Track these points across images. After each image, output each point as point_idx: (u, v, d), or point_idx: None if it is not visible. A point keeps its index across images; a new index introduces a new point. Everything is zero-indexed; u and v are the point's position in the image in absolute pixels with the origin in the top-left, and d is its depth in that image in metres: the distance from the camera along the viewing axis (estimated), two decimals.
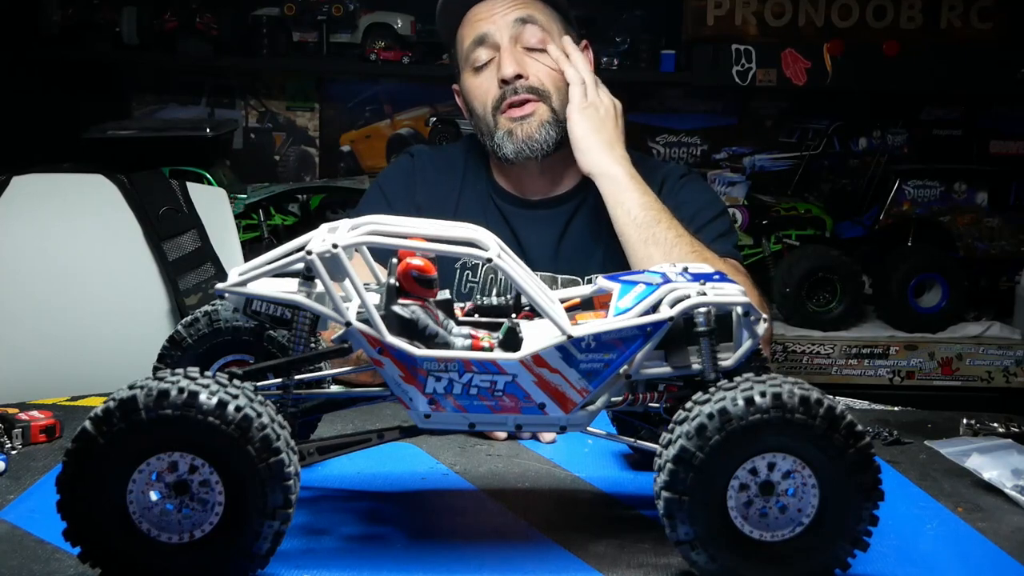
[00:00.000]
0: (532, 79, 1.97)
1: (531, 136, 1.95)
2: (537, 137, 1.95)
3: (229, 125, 3.73)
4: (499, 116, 1.97)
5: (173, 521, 1.00)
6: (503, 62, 1.96)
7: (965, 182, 3.59)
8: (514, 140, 1.96)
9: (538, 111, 1.96)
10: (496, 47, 1.98)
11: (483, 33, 1.98)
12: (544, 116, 1.96)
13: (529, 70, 1.97)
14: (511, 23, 1.97)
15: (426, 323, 1.11)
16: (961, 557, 1.16)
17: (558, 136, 1.97)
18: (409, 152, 2.21)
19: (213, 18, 3.75)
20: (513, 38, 1.98)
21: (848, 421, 1.01)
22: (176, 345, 1.26)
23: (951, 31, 3.68)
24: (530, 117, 1.96)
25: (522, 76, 1.96)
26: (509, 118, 1.97)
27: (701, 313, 1.11)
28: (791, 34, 3.69)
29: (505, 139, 1.97)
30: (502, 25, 1.97)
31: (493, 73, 1.98)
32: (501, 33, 1.97)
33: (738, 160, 4.02)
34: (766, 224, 3.58)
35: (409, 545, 1.15)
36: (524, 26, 1.98)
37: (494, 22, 1.98)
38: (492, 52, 1.98)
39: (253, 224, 3.41)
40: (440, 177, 2.13)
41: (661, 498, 1.02)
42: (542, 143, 1.96)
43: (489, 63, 1.99)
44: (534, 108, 1.96)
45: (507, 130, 1.97)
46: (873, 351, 3.49)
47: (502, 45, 1.97)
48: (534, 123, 1.96)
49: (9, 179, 2.13)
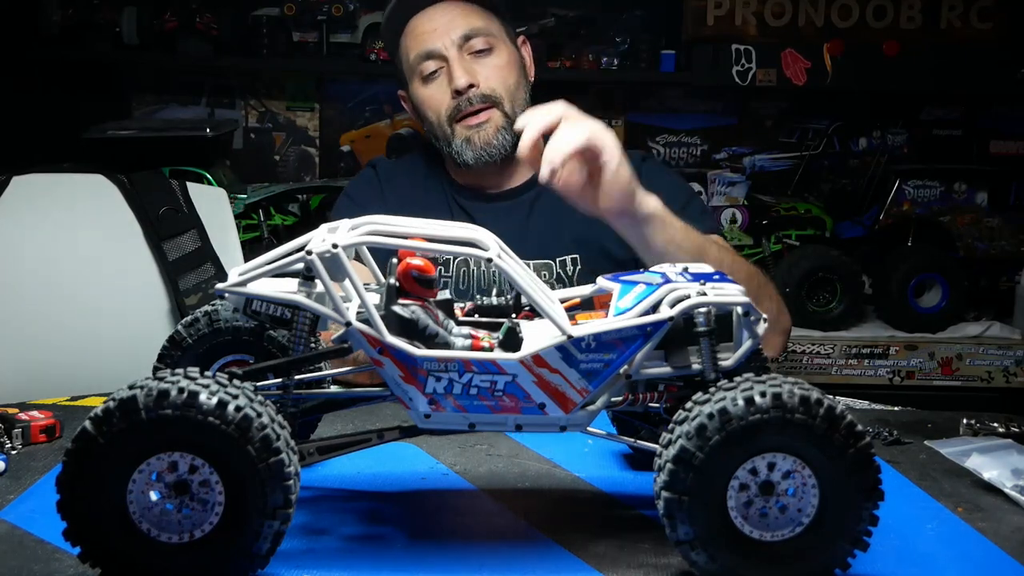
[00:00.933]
0: (483, 86, 2.01)
1: (489, 143, 2.01)
2: (495, 143, 2.01)
3: (229, 125, 3.73)
4: (455, 125, 2.03)
5: (173, 521, 1.00)
6: (454, 73, 2.00)
7: (965, 182, 3.59)
8: (473, 147, 2.02)
9: (492, 118, 2.01)
10: (443, 58, 2.01)
11: (428, 48, 2.02)
12: (499, 122, 2.02)
13: (479, 77, 2.01)
14: (456, 39, 2.01)
15: (426, 323, 1.11)
16: (961, 557, 1.16)
17: (514, 139, 1.99)
18: (371, 164, 2.27)
19: (213, 18, 3.75)
20: (459, 46, 2.01)
21: (848, 421, 1.01)
22: (176, 345, 1.26)
23: (951, 31, 3.68)
24: (486, 124, 2.01)
25: (474, 85, 2.00)
26: (465, 126, 2.02)
27: (701, 313, 1.11)
28: (791, 34, 3.70)
29: (464, 146, 2.02)
30: (447, 40, 2.01)
31: (443, 83, 2.03)
32: (447, 46, 2.01)
33: (738, 160, 4.02)
34: (766, 224, 3.58)
35: (409, 545, 1.15)
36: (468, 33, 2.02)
37: (438, 37, 2.02)
38: (440, 63, 2.02)
39: (253, 224, 3.42)
40: (403, 181, 2.19)
41: (661, 498, 1.02)
42: (499, 148, 2.02)
43: (438, 72, 2.03)
44: (488, 116, 2.01)
45: (464, 138, 2.02)
46: (873, 351, 3.49)
47: (450, 56, 2.01)
48: (490, 129, 2.01)
49: (9, 179, 2.13)
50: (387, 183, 2.18)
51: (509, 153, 2.01)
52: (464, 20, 2.02)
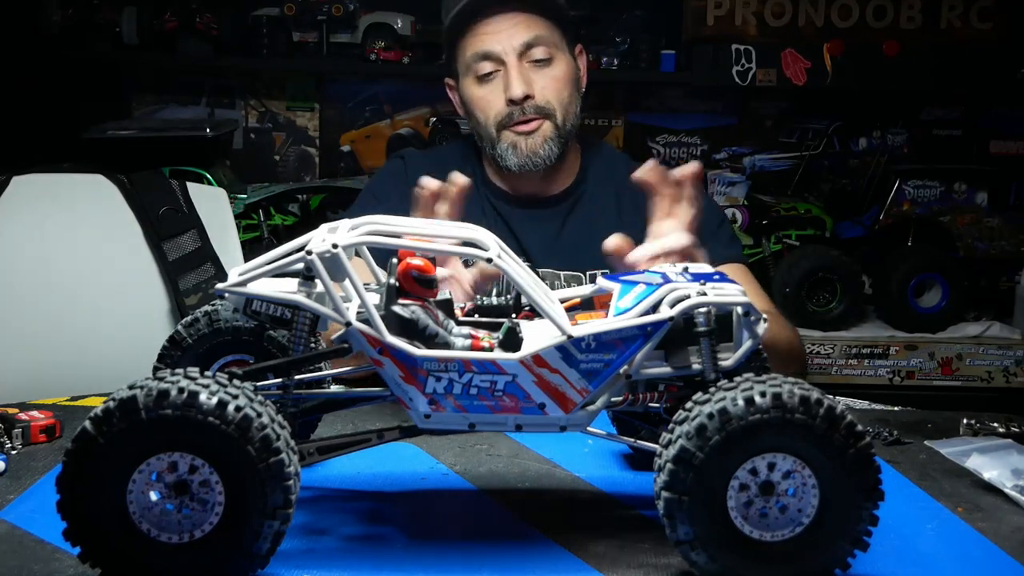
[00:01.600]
0: (539, 98, 1.99)
1: (535, 151, 2.00)
2: (541, 153, 2.00)
3: (229, 125, 3.73)
4: (503, 131, 2.01)
5: (173, 521, 1.00)
6: (512, 82, 1.98)
7: (965, 182, 3.59)
8: (518, 154, 2.01)
9: (543, 128, 2.00)
10: (501, 62, 1.99)
11: (487, 49, 2.00)
12: (548, 132, 2.01)
13: (535, 87, 1.99)
14: (517, 46, 1.99)
15: (426, 323, 1.11)
16: (961, 557, 1.16)
17: (560, 150, 2.02)
18: (400, 155, 2.23)
19: (213, 18, 3.75)
20: (519, 54, 1.99)
21: (848, 421, 1.01)
22: (176, 345, 1.26)
23: (951, 31, 3.68)
24: (535, 134, 2.00)
25: (530, 96, 1.98)
26: (514, 132, 2.00)
27: (701, 313, 1.11)
28: (791, 34, 3.70)
29: (509, 151, 2.01)
30: (508, 47, 1.99)
31: (498, 87, 2.00)
32: (507, 51, 1.98)
33: (738, 160, 4.02)
34: (766, 224, 3.58)
35: (409, 545, 1.15)
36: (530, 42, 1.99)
37: (499, 41, 1.99)
38: (497, 66, 2.00)
39: (253, 224, 3.42)
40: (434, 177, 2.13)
41: (661, 498, 1.02)
42: (545, 158, 2.01)
43: (493, 75, 2.01)
44: (539, 125, 2.00)
45: (511, 143, 2.01)
46: (873, 351, 3.49)
47: (508, 62, 1.99)
48: (539, 139, 2.00)
49: (9, 179, 2.13)
50: (415, 178, 2.13)
51: (553, 164, 2.02)
52: (527, 28, 2.00)
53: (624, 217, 2.05)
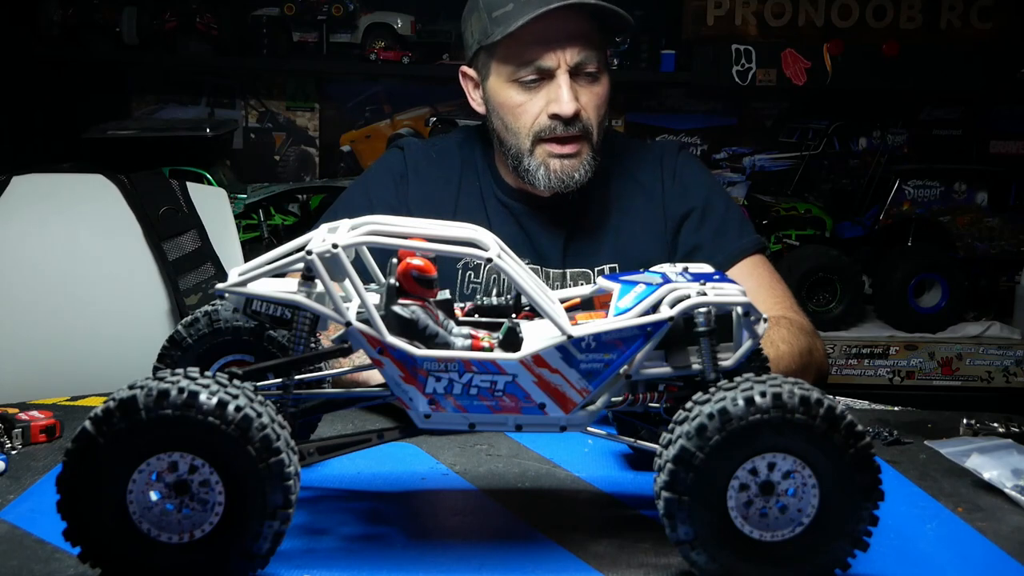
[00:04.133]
0: (584, 117, 1.89)
1: (570, 175, 1.90)
2: (576, 177, 1.91)
3: (229, 125, 3.73)
4: (538, 145, 1.90)
5: (173, 521, 1.00)
6: (563, 96, 1.86)
7: (965, 182, 3.59)
8: (550, 175, 1.90)
9: (582, 151, 1.91)
10: (551, 74, 1.88)
11: (539, 60, 1.87)
12: (586, 155, 1.91)
13: (583, 103, 1.89)
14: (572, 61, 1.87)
15: (426, 323, 1.11)
16: (961, 557, 1.16)
17: (593, 171, 1.93)
18: (399, 145, 2.12)
19: (213, 18, 3.75)
20: (572, 68, 1.88)
21: (848, 421, 1.01)
22: (176, 345, 1.26)
23: (951, 31, 3.68)
24: (573, 157, 1.90)
25: (579, 114, 1.88)
26: (550, 152, 1.90)
27: (701, 313, 1.11)
28: (791, 34, 3.70)
29: (538, 169, 1.91)
30: (563, 59, 1.87)
31: (542, 97, 1.88)
32: (561, 64, 1.87)
33: (738, 160, 4.02)
34: (766, 224, 3.58)
35: (409, 545, 1.15)
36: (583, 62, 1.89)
37: (554, 50, 1.86)
38: (545, 75, 1.88)
39: (253, 224, 3.42)
40: (436, 173, 2.06)
41: (661, 498, 1.02)
42: (579, 183, 1.92)
43: (539, 83, 1.89)
44: (578, 148, 1.90)
45: (543, 161, 1.90)
46: (873, 351, 3.49)
47: (559, 76, 1.87)
48: (576, 163, 1.90)
49: (9, 179, 2.13)
50: (413, 172, 2.05)
51: (583, 187, 1.92)
52: (584, 40, 1.87)
53: (625, 202, 2.02)
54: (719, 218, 2.00)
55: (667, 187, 2.04)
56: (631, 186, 2.05)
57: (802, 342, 1.85)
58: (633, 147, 2.12)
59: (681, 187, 2.03)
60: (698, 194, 2.02)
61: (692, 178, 2.06)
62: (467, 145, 2.10)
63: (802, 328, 1.89)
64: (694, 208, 1.97)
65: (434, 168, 2.07)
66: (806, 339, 1.87)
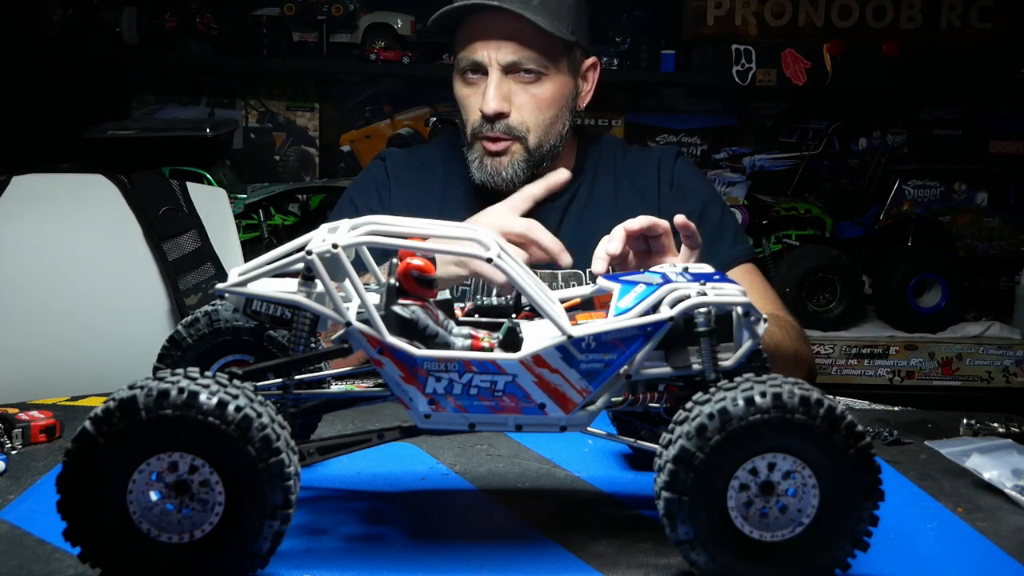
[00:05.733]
0: (513, 118, 1.93)
1: (498, 172, 1.95)
2: (504, 175, 1.95)
3: (229, 125, 3.73)
4: (475, 140, 1.97)
5: (173, 521, 1.00)
6: (487, 95, 1.91)
7: (965, 182, 3.59)
8: (482, 170, 1.97)
9: (512, 149, 1.95)
10: (485, 71, 1.93)
11: (473, 57, 1.93)
12: (517, 155, 1.95)
13: (512, 106, 1.92)
14: (503, 61, 1.91)
15: (426, 323, 1.11)
16: (961, 557, 1.16)
17: (527, 174, 1.95)
18: (380, 157, 2.18)
19: (213, 18, 3.75)
20: (504, 68, 1.92)
21: (848, 421, 1.01)
22: (176, 345, 1.26)
23: (951, 31, 3.68)
24: (502, 155, 1.95)
25: (504, 115, 1.92)
26: (483, 147, 1.96)
27: (701, 313, 1.11)
28: (791, 34, 3.69)
29: (476, 163, 1.98)
30: (494, 58, 1.91)
31: (479, 94, 1.94)
32: (491, 62, 1.91)
33: (738, 160, 4.02)
34: (766, 224, 3.58)
35: (409, 545, 1.15)
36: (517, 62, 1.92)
37: (488, 49, 1.91)
38: (481, 70, 1.94)
39: (253, 224, 3.42)
40: (418, 179, 2.11)
41: (661, 498, 1.02)
42: (508, 180, 1.95)
43: (477, 79, 1.95)
44: (507, 146, 1.94)
45: (479, 156, 1.97)
46: (873, 351, 3.49)
47: (490, 74, 1.91)
48: (504, 160, 1.95)
49: (9, 179, 2.13)
50: (396, 179, 2.11)
51: (517, 187, 1.94)
52: (522, 39, 1.90)
53: (621, 205, 2.03)
54: (714, 225, 2.02)
55: (664, 192, 2.06)
56: (628, 190, 2.06)
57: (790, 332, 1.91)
58: (631, 152, 2.15)
59: (678, 193, 2.04)
60: (695, 200, 2.04)
61: (689, 184, 2.07)
62: (447, 149, 2.14)
63: (790, 323, 1.95)
64: (690, 214, 1.98)
65: (417, 175, 2.12)
66: (794, 331, 1.93)
